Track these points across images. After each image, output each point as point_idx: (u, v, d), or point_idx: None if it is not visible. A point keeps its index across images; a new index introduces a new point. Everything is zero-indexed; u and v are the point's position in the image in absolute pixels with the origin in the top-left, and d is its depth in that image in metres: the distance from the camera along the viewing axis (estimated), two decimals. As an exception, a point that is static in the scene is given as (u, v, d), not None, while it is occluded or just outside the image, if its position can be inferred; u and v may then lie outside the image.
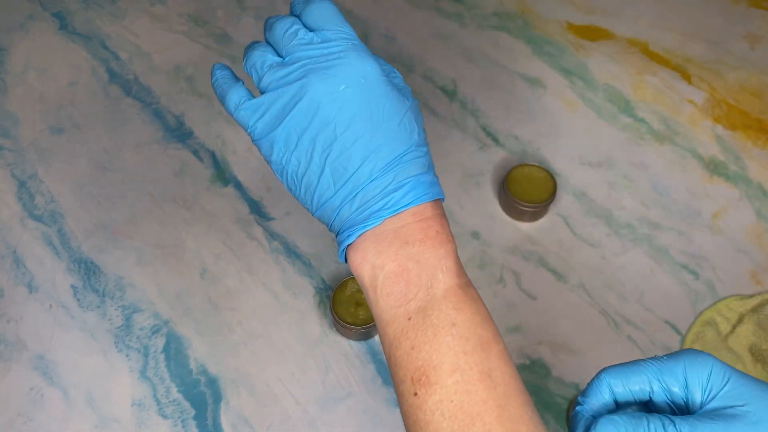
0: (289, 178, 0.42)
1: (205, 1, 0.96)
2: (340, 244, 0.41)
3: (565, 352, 0.68)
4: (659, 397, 0.39)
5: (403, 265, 0.39)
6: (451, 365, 0.37)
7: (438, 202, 0.42)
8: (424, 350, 0.38)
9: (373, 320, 0.67)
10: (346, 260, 0.42)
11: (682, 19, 0.93)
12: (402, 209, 0.40)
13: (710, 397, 0.37)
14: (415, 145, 0.40)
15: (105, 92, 0.87)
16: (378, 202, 0.39)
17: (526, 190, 0.74)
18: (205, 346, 0.69)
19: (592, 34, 0.92)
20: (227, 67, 0.45)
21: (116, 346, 0.69)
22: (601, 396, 0.40)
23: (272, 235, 0.75)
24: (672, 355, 0.39)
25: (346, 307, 0.67)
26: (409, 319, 0.39)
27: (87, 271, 0.73)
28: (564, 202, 0.78)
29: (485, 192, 0.79)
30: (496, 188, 0.79)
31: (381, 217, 0.39)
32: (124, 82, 0.88)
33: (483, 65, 0.89)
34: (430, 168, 0.42)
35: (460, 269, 0.41)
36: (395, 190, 0.39)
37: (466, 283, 0.41)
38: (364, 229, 0.40)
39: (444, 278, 0.39)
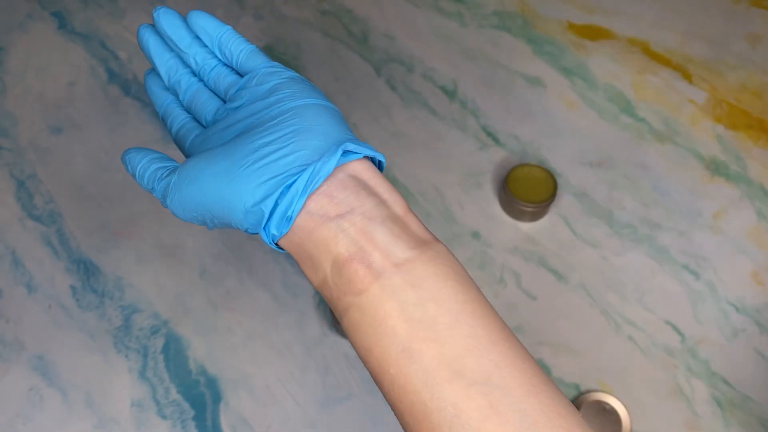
0: None
1: (204, 0, 0.96)
2: None
3: (566, 352, 0.68)
4: None
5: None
6: None
7: None
8: None
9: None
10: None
11: (683, 19, 0.93)
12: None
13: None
14: None
15: (104, 92, 0.86)
16: None
17: (526, 190, 0.74)
18: (205, 347, 0.69)
19: (593, 33, 0.91)
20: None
21: (115, 347, 0.69)
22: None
23: (272, 235, 0.75)
24: None
25: (346, 308, 0.67)
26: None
27: (86, 271, 0.73)
28: (564, 202, 0.78)
29: (485, 192, 0.78)
30: (496, 188, 0.79)
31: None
32: (123, 81, 0.87)
33: (483, 65, 0.89)
34: None
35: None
36: None
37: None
38: None
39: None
